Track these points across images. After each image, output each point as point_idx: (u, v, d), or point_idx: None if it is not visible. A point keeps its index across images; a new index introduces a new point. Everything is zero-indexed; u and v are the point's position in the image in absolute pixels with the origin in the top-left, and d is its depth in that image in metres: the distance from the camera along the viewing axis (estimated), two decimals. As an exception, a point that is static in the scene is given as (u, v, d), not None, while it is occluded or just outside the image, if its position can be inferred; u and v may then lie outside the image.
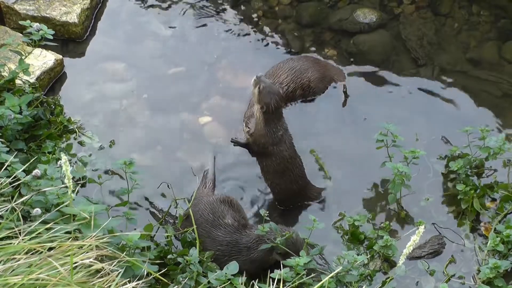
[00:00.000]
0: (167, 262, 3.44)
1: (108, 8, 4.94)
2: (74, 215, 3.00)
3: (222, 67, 4.67)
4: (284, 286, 3.21)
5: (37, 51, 4.30)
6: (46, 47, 4.34)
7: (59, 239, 2.84)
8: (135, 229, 3.60)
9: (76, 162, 4.07)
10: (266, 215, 3.53)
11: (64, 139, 4.16)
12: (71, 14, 4.68)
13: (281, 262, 3.32)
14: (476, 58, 4.73)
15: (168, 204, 3.86)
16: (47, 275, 2.64)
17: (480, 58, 4.73)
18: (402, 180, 3.82)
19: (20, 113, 3.89)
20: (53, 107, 4.25)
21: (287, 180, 3.95)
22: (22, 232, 2.85)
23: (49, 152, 3.90)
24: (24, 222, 2.98)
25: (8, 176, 3.19)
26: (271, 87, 3.83)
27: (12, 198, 3.10)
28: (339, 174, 4.15)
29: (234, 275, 3.29)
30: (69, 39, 4.71)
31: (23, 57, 4.05)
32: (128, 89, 4.53)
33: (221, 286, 3.23)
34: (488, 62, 4.70)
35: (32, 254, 2.76)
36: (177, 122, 4.38)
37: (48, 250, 2.77)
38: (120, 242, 3.14)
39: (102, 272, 2.82)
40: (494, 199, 3.98)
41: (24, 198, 3.11)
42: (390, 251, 3.66)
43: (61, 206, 3.05)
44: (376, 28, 4.87)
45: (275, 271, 3.21)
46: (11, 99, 3.91)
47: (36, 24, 4.02)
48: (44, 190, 3.20)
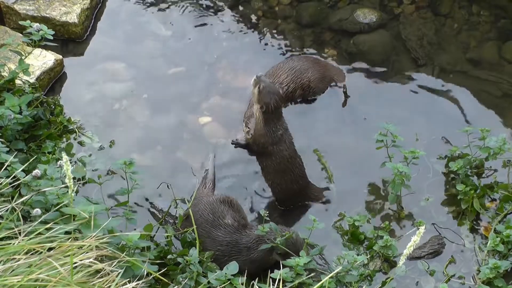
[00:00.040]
0: (167, 262, 3.44)
1: (108, 8, 4.94)
2: (74, 215, 3.00)
3: (222, 67, 4.67)
4: (284, 286, 3.21)
5: (37, 51, 4.30)
6: (46, 47, 4.33)
7: (59, 239, 2.83)
8: (135, 229, 3.59)
9: (76, 162, 4.07)
10: (266, 215, 3.53)
11: (64, 139, 4.16)
12: (71, 14, 4.68)
13: (281, 262, 3.32)
14: (476, 58, 4.72)
15: (168, 204, 3.86)
16: (47, 275, 2.64)
17: (480, 58, 4.73)
18: (402, 180, 3.82)
19: (20, 113, 3.89)
20: (53, 107, 4.25)
21: (287, 180, 3.95)
22: (22, 232, 2.85)
23: (49, 152, 3.90)
24: (24, 222, 2.98)
25: (8, 176, 3.19)
26: (271, 87, 3.83)
27: (12, 198, 3.10)
28: (339, 174, 4.15)
29: (234, 275, 3.29)
30: (69, 39, 4.71)
31: (23, 57, 4.05)
32: (128, 89, 4.53)
33: (221, 286, 3.23)
34: (488, 62, 4.70)
35: (32, 254, 2.76)
36: (177, 122, 4.38)
37: (48, 250, 2.77)
38: (120, 242, 3.14)
39: (102, 272, 2.82)
40: (494, 199, 3.98)
41: (24, 198, 3.10)
42: (390, 251, 3.66)
43: (60, 206, 3.05)
44: (376, 28, 4.86)
45: (275, 271, 3.21)
46: (11, 99, 3.91)
47: (36, 24, 4.01)
48: (44, 190, 3.20)
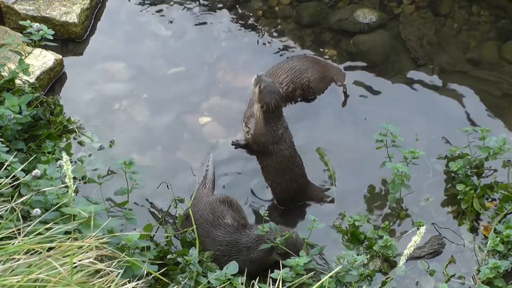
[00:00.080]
0: (167, 262, 3.44)
1: (108, 8, 4.94)
2: (74, 215, 3.00)
3: (222, 67, 4.67)
4: (284, 286, 3.21)
5: (37, 51, 4.30)
6: (46, 47, 4.33)
7: (59, 239, 2.83)
8: (134, 229, 3.60)
9: (75, 162, 4.07)
10: (266, 215, 3.53)
11: (64, 139, 4.16)
12: (71, 14, 4.68)
13: (280, 262, 3.32)
14: (476, 58, 4.72)
15: (167, 204, 3.86)
16: (47, 275, 2.64)
17: (480, 58, 4.72)
18: (402, 180, 3.82)
19: (20, 113, 3.89)
20: (52, 107, 4.24)
21: (287, 179, 3.95)
22: (21, 232, 2.85)
23: (48, 152, 3.90)
24: (24, 222, 2.98)
25: (7, 176, 3.19)
26: (271, 87, 3.83)
27: (11, 198, 3.10)
28: (339, 174, 4.15)
29: (234, 275, 3.29)
30: (69, 39, 4.71)
31: (23, 57, 4.05)
32: (128, 89, 4.53)
33: (220, 286, 3.23)
34: (488, 62, 4.70)
35: (32, 254, 2.76)
36: (177, 122, 4.38)
37: (48, 250, 2.77)
38: (119, 242, 3.14)
39: (101, 272, 2.82)
40: (494, 199, 3.97)
41: (24, 198, 3.10)
42: (390, 251, 3.66)
43: (59, 204, 3.05)
44: (376, 28, 4.86)
45: (275, 271, 3.21)
46: (11, 99, 3.91)
47: (36, 24, 4.01)
48: (44, 190, 3.20)
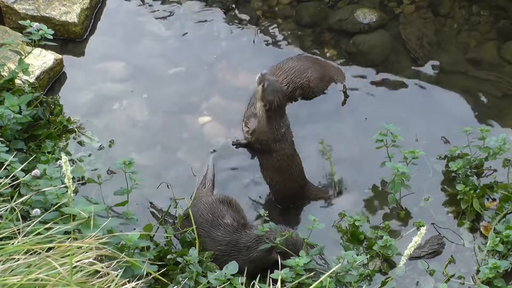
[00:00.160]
0: (167, 262, 3.43)
1: (107, 8, 4.94)
2: (73, 215, 3.00)
3: (222, 67, 4.67)
4: (284, 286, 3.21)
5: (36, 50, 4.29)
6: (45, 47, 4.33)
7: (58, 239, 2.83)
8: (134, 229, 3.60)
9: (75, 161, 4.07)
10: (265, 215, 3.52)
11: (63, 139, 4.15)
12: (71, 13, 4.68)
13: (280, 261, 3.31)
14: (476, 58, 4.72)
15: (167, 204, 3.86)
16: (46, 275, 2.64)
17: (480, 58, 4.72)
18: (401, 180, 3.82)
19: (20, 112, 3.89)
20: (52, 106, 4.24)
21: (286, 178, 3.95)
22: (21, 232, 2.85)
23: (48, 152, 3.90)
24: (24, 222, 2.98)
25: (7, 176, 3.19)
26: (275, 85, 3.82)
27: (11, 198, 3.10)
28: (339, 174, 4.14)
29: (234, 275, 3.28)
30: (68, 39, 4.71)
31: (22, 56, 4.05)
32: (128, 89, 4.52)
33: (220, 286, 3.22)
34: (488, 63, 4.69)
35: (31, 254, 2.76)
36: (176, 122, 4.38)
37: (47, 250, 2.77)
38: (119, 242, 3.14)
39: (101, 272, 2.82)
40: (494, 199, 3.97)
41: (24, 198, 3.11)
42: (390, 251, 3.65)
43: (58, 204, 3.05)
44: (376, 28, 4.86)
45: (275, 271, 3.21)
46: (10, 98, 3.91)
47: (35, 24, 4.01)
48: (44, 190, 3.20)
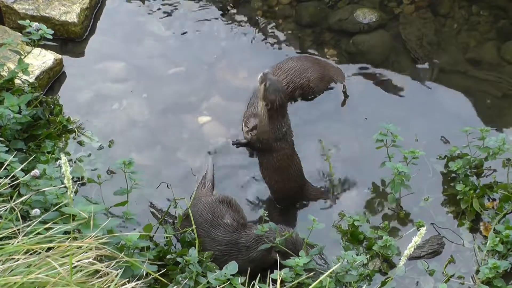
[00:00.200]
0: (167, 262, 3.43)
1: (107, 8, 4.94)
2: (73, 215, 3.00)
3: (222, 67, 4.67)
4: (284, 286, 3.21)
5: (36, 50, 4.29)
6: (45, 47, 4.33)
7: (58, 239, 2.83)
8: (134, 229, 3.60)
9: (75, 162, 4.07)
10: (265, 215, 3.52)
11: (63, 138, 4.15)
12: (71, 13, 4.68)
13: (279, 261, 3.31)
14: (476, 58, 4.72)
15: (167, 204, 3.86)
16: (46, 275, 2.64)
17: (480, 58, 4.72)
18: (401, 180, 3.82)
19: (19, 112, 3.88)
20: (52, 106, 4.24)
21: (284, 178, 3.94)
22: (21, 232, 2.84)
23: (48, 152, 3.90)
24: (23, 222, 2.97)
25: (7, 176, 3.19)
26: (277, 85, 3.81)
27: (11, 198, 3.10)
28: (339, 174, 4.15)
29: (234, 275, 3.28)
30: (68, 39, 4.71)
31: (22, 56, 4.05)
32: (128, 88, 4.52)
33: (220, 286, 3.22)
34: (488, 63, 4.69)
35: (31, 254, 2.76)
36: (176, 122, 4.38)
37: (47, 250, 2.77)
38: (119, 242, 3.14)
39: (101, 272, 2.82)
40: (494, 199, 3.97)
41: (23, 198, 3.10)
42: (390, 251, 3.65)
43: (59, 205, 3.05)
44: (376, 28, 4.86)
45: (275, 271, 3.21)
46: (10, 98, 3.91)
47: (35, 24, 4.01)
48: (43, 190, 3.20)
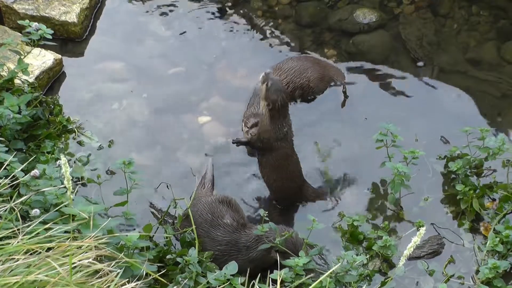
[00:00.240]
0: (166, 262, 3.43)
1: (107, 8, 4.94)
2: (73, 215, 3.00)
3: (222, 67, 4.67)
4: (284, 286, 3.21)
5: (36, 50, 4.29)
6: (45, 47, 4.33)
7: (58, 239, 2.83)
8: (134, 229, 3.60)
9: (75, 162, 4.07)
10: (265, 215, 3.52)
11: (63, 139, 4.15)
12: (70, 13, 4.68)
13: (279, 261, 3.31)
14: (475, 59, 4.72)
15: (167, 204, 3.86)
16: (46, 276, 2.64)
17: (480, 58, 4.72)
18: (401, 180, 3.82)
19: (19, 112, 3.88)
20: (52, 106, 4.24)
21: (283, 177, 3.94)
22: (20, 232, 2.84)
23: (48, 152, 3.90)
24: (23, 222, 2.97)
25: (7, 176, 3.19)
26: (278, 85, 3.81)
27: (11, 198, 3.09)
28: (339, 174, 4.15)
29: (233, 275, 3.28)
30: (68, 39, 4.71)
31: (22, 56, 4.05)
32: (128, 89, 4.52)
33: (220, 286, 3.22)
34: (487, 63, 4.69)
35: (31, 254, 2.76)
36: (176, 122, 4.38)
37: (47, 250, 2.77)
38: (119, 242, 3.14)
39: (101, 273, 2.82)
40: (494, 199, 3.97)
41: (23, 198, 3.10)
42: (389, 251, 3.66)
43: (60, 207, 3.05)
44: (376, 28, 4.86)
45: (275, 271, 3.21)
46: (10, 98, 3.91)
47: (35, 24, 4.01)
48: (43, 190, 3.19)
